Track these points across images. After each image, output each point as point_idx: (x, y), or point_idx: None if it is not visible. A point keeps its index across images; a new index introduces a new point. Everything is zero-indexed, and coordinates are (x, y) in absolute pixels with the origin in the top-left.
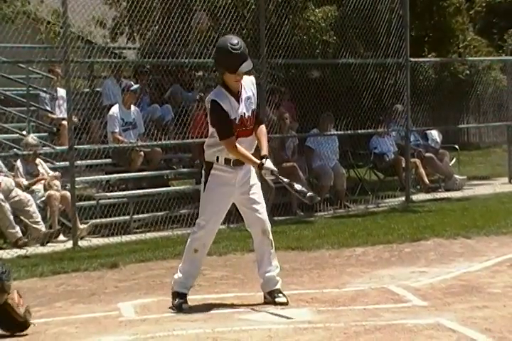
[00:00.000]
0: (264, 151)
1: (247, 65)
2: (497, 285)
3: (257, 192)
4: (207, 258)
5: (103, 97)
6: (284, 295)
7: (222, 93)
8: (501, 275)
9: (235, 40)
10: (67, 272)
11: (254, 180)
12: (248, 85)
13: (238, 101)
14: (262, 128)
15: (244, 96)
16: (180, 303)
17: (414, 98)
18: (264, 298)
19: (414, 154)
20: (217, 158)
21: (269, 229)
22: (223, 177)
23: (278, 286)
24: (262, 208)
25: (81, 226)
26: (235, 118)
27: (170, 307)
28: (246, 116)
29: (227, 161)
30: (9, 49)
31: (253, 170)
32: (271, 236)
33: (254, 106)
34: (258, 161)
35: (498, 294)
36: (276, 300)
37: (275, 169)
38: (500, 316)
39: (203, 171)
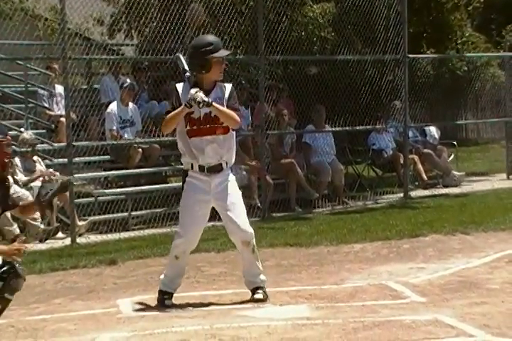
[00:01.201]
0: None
1: (225, 51)
2: (495, 281)
3: (235, 202)
4: (205, 255)
5: (101, 94)
6: (264, 291)
7: (188, 85)
8: (499, 271)
9: (209, 35)
10: (66, 269)
11: (232, 188)
12: (222, 89)
13: None
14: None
15: (213, 95)
16: (163, 299)
17: (412, 94)
18: None
19: (413, 150)
20: (192, 165)
21: (251, 240)
22: (198, 185)
23: (258, 285)
24: (239, 218)
25: (80, 223)
26: (199, 115)
27: (155, 304)
28: (212, 114)
29: (201, 168)
30: (7, 46)
31: (231, 178)
32: (253, 247)
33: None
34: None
35: (497, 290)
36: (254, 296)
37: (199, 96)
38: (498, 312)
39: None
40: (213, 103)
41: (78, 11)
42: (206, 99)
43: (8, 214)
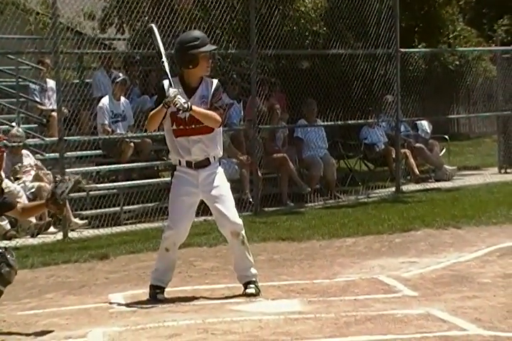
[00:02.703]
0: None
1: (211, 46)
2: (487, 275)
3: (223, 194)
4: (197, 249)
5: (93, 89)
6: (255, 286)
7: (175, 82)
8: (491, 265)
9: (195, 31)
10: (58, 263)
11: (220, 180)
12: (208, 85)
13: (190, 96)
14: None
15: (199, 93)
16: (155, 293)
17: (404, 88)
18: None
19: (405, 144)
20: (179, 161)
21: (241, 231)
22: (186, 178)
23: (250, 279)
24: (228, 210)
25: (77, 221)
26: (185, 115)
27: (147, 299)
28: None
29: (188, 163)
30: None
31: (219, 170)
32: (242, 238)
33: (207, 106)
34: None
35: (488, 284)
36: (247, 291)
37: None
38: (490, 306)
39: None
40: (193, 107)
41: (70, 5)
42: (185, 104)
43: None
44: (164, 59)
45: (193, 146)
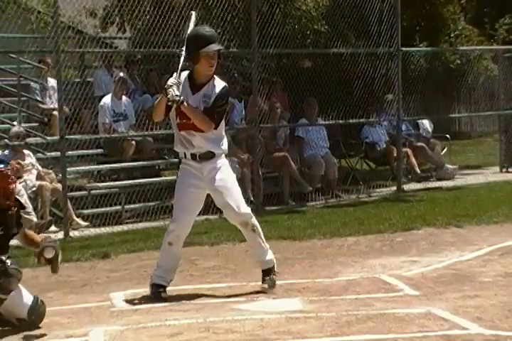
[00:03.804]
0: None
1: (215, 46)
2: (488, 274)
3: (228, 186)
4: (199, 248)
5: (94, 88)
6: (270, 278)
7: (186, 76)
8: (492, 264)
9: (205, 27)
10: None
11: (225, 173)
12: (215, 87)
13: (194, 93)
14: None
15: (203, 91)
16: (158, 291)
17: (405, 87)
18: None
19: (406, 143)
20: (185, 154)
21: (249, 220)
22: (191, 171)
23: (267, 266)
24: (235, 201)
25: (79, 221)
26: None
27: (150, 295)
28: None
29: (193, 156)
30: (0, 39)
31: (224, 163)
32: (252, 226)
33: (207, 105)
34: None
35: (490, 283)
36: (262, 285)
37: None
38: (491, 305)
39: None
40: (184, 103)
41: (71, 4)
42: (177, 97)
43: None
44: (184, 48)
45: (196, 140)
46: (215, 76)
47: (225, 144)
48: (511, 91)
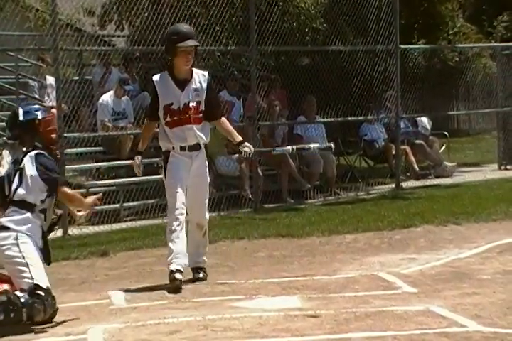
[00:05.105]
0: (239, 138)
1: (191, 42)
2: (487, 272)
3: (205, 188)
4: None
5: (93, 85)
6: (204, 271)
7: (165, 77)
8: (491, 261)
9: (184, 24)
10: (58, 260)
11: (206, 174)
12: (199, 78)
13: (182, 89)
14: (225, 120)
15: (192, 86)
16: (174, 273)
17: (403, 85)
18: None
19: (404, 141)
20: (173, 147)
21: (205, 224)
22: (181, 161)
23: (200, 265)
24: (204, 204)
25: (80, 214)
26: (178, 106)
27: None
28: (190, 105)
29: (182, 148)
30: None
31: (206, 163)
32: (204, 231)
33: (200, 99)
34: (140, 149)
35: (488, 280)
36: (195, 275)
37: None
38: (489, 302)
39: (161, 162)
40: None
41: (69, 2)
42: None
43: None
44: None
45: (188, 134)
46: (193, 68)
47: (208, 134)
48: (509, 89)
